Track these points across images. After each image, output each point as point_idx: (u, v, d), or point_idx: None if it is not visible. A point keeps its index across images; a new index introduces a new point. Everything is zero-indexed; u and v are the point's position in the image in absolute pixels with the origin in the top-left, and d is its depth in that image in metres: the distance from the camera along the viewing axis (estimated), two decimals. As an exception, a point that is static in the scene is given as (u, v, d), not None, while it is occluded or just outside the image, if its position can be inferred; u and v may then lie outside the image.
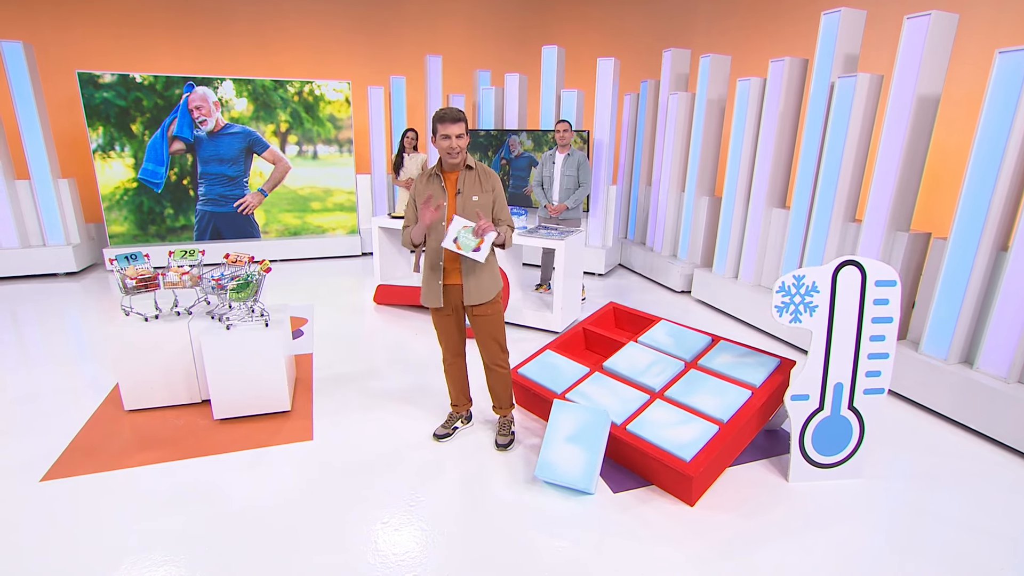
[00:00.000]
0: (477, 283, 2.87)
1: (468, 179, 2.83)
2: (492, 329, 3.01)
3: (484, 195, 2.83)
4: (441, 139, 2.71)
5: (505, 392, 3.18)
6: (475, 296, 2.89)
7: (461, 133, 2.71)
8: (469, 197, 2.81)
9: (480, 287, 2.89)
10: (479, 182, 2.84)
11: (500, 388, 3.16)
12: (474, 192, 2.82)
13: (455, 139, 2.70)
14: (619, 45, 8.77)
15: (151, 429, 3.31)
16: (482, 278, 2.88)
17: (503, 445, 3.16)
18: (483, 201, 2.83)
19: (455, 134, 2.69)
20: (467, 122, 2.75)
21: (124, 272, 3.42)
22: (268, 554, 2.37)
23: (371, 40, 8.56)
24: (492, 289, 2.94)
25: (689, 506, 2.73)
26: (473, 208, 2.79)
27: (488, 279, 2.91)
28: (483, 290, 2.90)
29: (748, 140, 5.24)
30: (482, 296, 2.90)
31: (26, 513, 2.59)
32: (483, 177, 2.86)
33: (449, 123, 2.68)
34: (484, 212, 2.82)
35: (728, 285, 5.50)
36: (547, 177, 5.53)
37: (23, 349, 4.56)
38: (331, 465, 2.99)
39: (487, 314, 2.96)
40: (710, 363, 3.35)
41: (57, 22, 7.24)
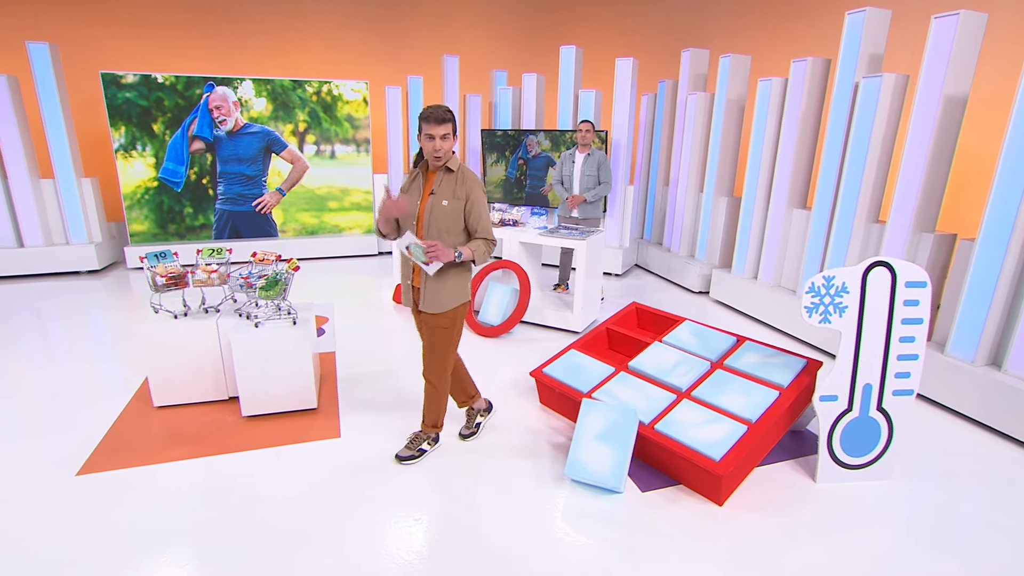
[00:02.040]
0: (434, 291, 2.75)
1: (445, 182, 2.70)
2: (437, 344, 2.86)
3: (455, 201, 2.67)
4: (425, 139, 2.60)
5: (432, 410, 3.04)
6: (428, 303, 2.77)
7: (447, 134, 2.59)
8: (439, 201, 2.67)
9: (436, 296, 2.75)
10: (454, 187, 2.68)
11: (430, 406, 3.03)
12: (445, 196, 2.67)
13: (439, 140, 2.58)
14: (634, 45, 8.76)
15: (181, 425, 3.35)
16: (441, 287, 2.75)
17: (403, 457, 3.00)
18: (452, 207, 2.67)
19: (439, 135, 2.57)
20: (455, 123, 2.64)
21: (154, 270, 3.47)
22: (300, 549, 2.40)
23: (388, 40, 8.60)
24: (450, 301, 2.78)
25: (718, 505, 2.74)
26: (440, 212, 2.66)
27: (449, 290, 2.76)
28: (439, 299, 2.76)
29: (769, 140, 5.23)
30: (436, 306, 2.76)
31: (63, 506, 2.64)
32: (460, 182, 2.69)
33: (434, 123, 2.56)
34: (453, 218, 2.68)
35: (747, 286, 5.48)
36: (567, 176, 5.54)
37: (52, 346, 4.62)
38: (360, 462, 3.02)
39: (437, 327, 2.82)
40: (736, 363, 3.35)
41: (80, 22, 7.33)
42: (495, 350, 4.56)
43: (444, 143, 2.60)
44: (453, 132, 2.64)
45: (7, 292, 6.06)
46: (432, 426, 3.09)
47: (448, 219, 2.69)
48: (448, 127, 2.60)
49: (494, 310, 4.80)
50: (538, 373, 3.56)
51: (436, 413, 3.06)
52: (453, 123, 2.63)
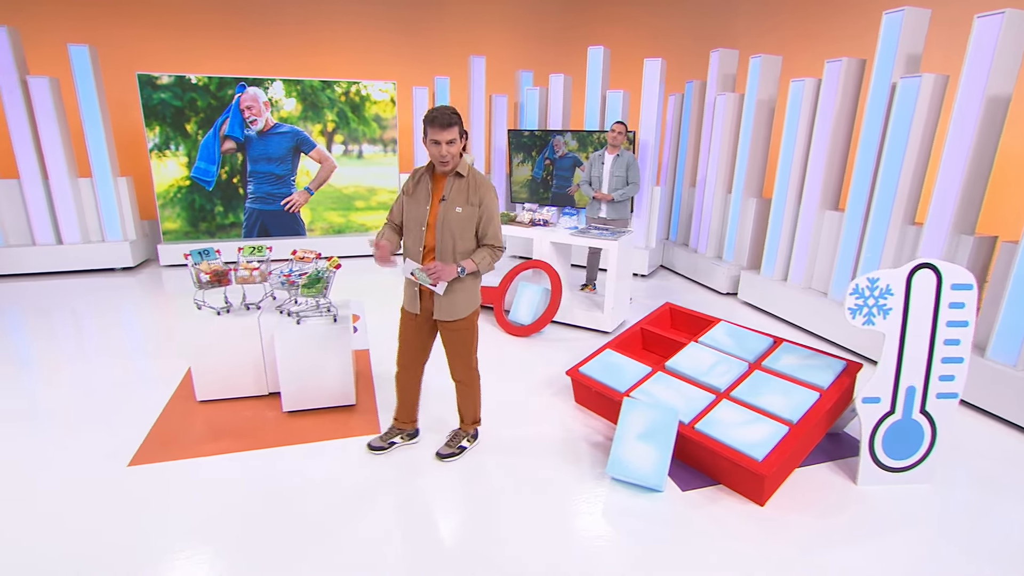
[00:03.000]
0: (451, 299, 2.71)
1: (456, 187, 2.61)
2: (460, 347, 2.86)
3: (469, 207, 2.60)
4: (431, 144, 2.49)
5: (469, 408, 3.08)
6: (445, 312, 2.74)
7: (453, 139, 2.47)
8: (452, 207, 2.59)
9: (452, 303, 2.72)
10: (467, 193, 2.61)
11: (465, 404, 3.07)
12: (458, 203, 2.59)
13: (445, 146, 2.47)
14: (660, 45, 8.74)
15: (224, 420, 3.42)
16: (457, 295, 2.71)
17: (444, 455, 3.01)
18: (466, 214, 2.60)
19: (445, 140, 2.46)
20: (462, 126, 2.52)
21: (198, 267, 3.54)
22: (342, 542, 2.45)
23: (415, 41, 8.67)
24: (465, 307, 2.76)
25: (759, 506, 2.74)
26: (455, 219, 2.59)
27: (463, 296, 2.74)
28: (455, 307, 2.73)
29: (801, 141, 5.20)
30: (453, 313, 2.74)
31: (117, 495, 2.71)
32: (472, 188, 2.61)
33: (439, 128, 2.45)
34: (467, 225, 2.62)
35: (777, 287, 5.45)
36: (596, 177, 5.55)
37: (94, 341, 4.74)
38: (400, 458, 3.06)
39: (456, 330, 2.81)
40: (774, 364, 3.35)
41: (117, 25, 7.48)
42: (526, 349, 4.59)
43: (451, 148, 2.49)
44: (461, 135, 2.53)
45: (47, 288, 6.21)
46: (472, 423, 3.13)
47: (462, 226, 2.62)
48: (454, 131, 2.48)
49: (525, 309, 4.83)
50: (574, 372, 3.58)
51: (474, 410, 3.10)
52: (460, 126, 2.51)
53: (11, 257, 6.54)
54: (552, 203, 7.31)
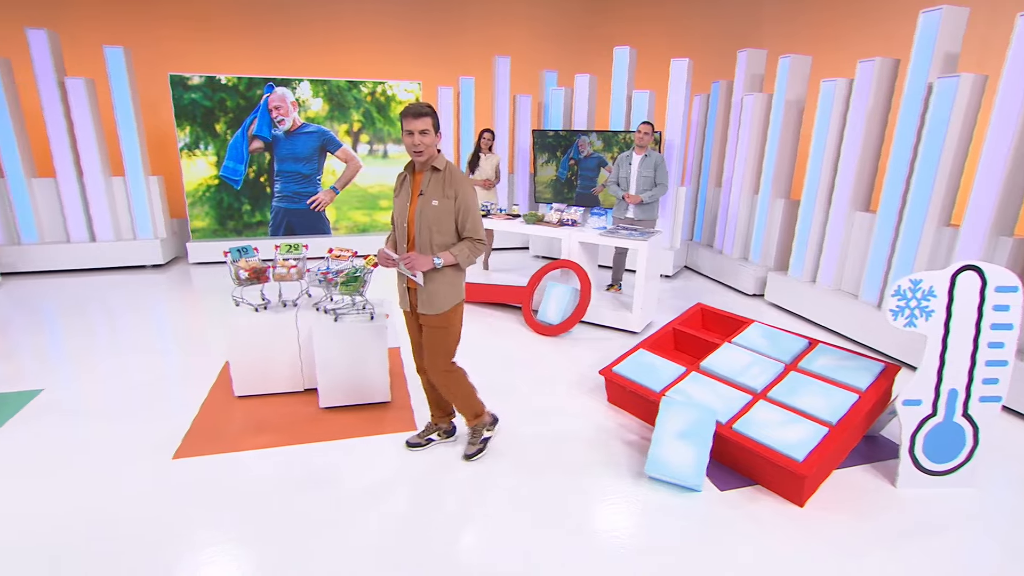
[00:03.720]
0: (430, 292, 2.74)
1: (433, 181, 2.67)
2: (434, 343, 2.85)
3: (445, 200, 2.65)
4: (405, 135, 2.57)
5: (462, 403, 3.04)
6: (425, 305, 2.78)
7: (426, 129, 2.54)
8: (429, 201, 2.65)
9: (432, 296, 2.75)
10: (443, 186, 2.66)
11: (455, 400, 3.04)
12: (435, 196, 2.65)
13: (418, 135, 2.54)
14: (685, 45, 8.70)
15: (262, 415, 3.47)
16: (436, 288, 2.74)
17: (468, 455, 3.04)
18: (443, 207, 2.66)
19: (418, 130, 2.53)
20: (436, 120, 2.60)
21: (237, 264, 3.60)
22: (382, 537, 2.48)
23: (440, 41, 8.72)
24: (446, 302, 2.78)
25: (798, 506, 2.74)
26: (431, 212, 2.65)
27: (443, 290, 2.76)
28: (434, 300, 2.76)
29: (831, 142, 5.16)
30: (432, 307, 2.77)
31: (166, 487, 2.78)
32: (448, 181, 2.67)
33: (411, 118, 2.52)
34: (444, 218, 2.67)
35: (805, 289, 5.42)
36: (623, 178, 5.55)
37: (129, 337, 4.83)
38: (437, 455, 3.10)
39: (435, 327, 2.82)
40: (811, 366, 3.34)
41: (149, 26, 7.61)
42: (555, 349, 4.61)
43: (423, 138, 2.55)
44: (435, 129, 2.60)
45: (81, 284, 6.34)
46: (476, 416, 3.10)
47: (439, 219, 2.67)
48: (427, 121, 2.55)
49: (553, 309, 4.85)
50: (608, 372, 3.59)
51: (469, 403, 3.07)
52: (434, 119, 2.58)
53: (47, 254, 6.69)
54: (576, 203, 7.32)
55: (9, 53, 6.70)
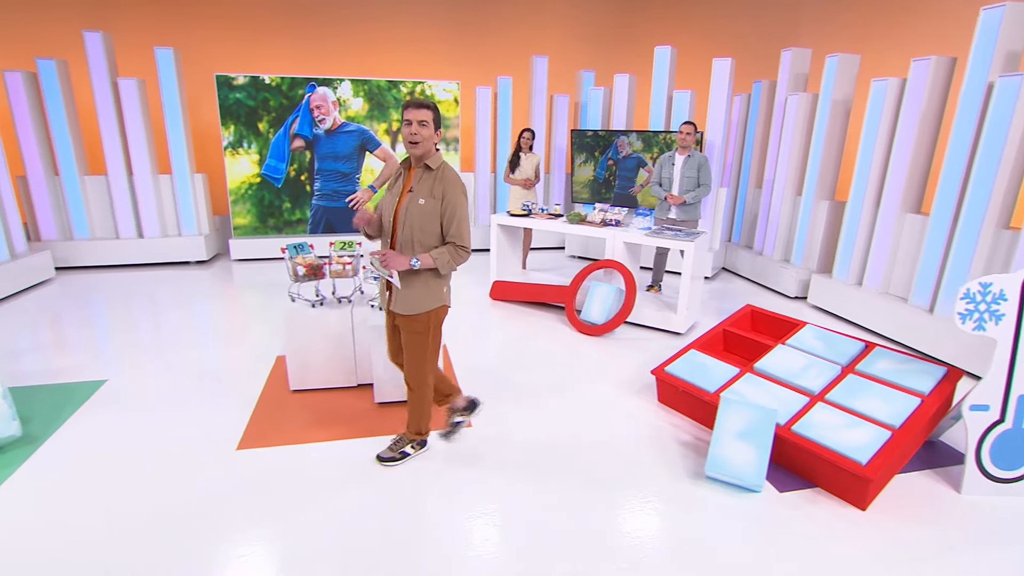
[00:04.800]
0: (406, 293, 2.70)
1: (423, 180, 2.64)
2: (412, 348, 2.81)
3: (431, 201, 2.61)
4: (404, 125, 2.57)
5: (414, 417, 2.99)
6: (400, 305, 2.73)
7: (425, 120, 2.54)
8: (416, 199, 2.62)
9: (407, 298, 2.70)
10: (431, 186, 2.62)
11: (411, 411, 2.99)
12: (422, 195, 2.61)
13: (416, 124, 2.53)
14: (723, 45, 8.62)
15: (320, 409, 3.54)
16: (413, 289, 2.69)
17: (384, 458, 2.97)
18: (428, 207, 2.61)
19: (417, 119, 2.53)
20: (437, 114, 2.60)
21: (295, 260, 3.68)
22: (451, 533, 2.52)
23: (477, 41, 8.77)
24: (421, 304, 2.71)
25: (860, 510, 2.72)
26: (417, 211, 2.61)
27: (420, 292, 2.70)
28: (410, 301, 2.71)
29: (881, 142, 5.08)
30: (407, 307, 2.72)
31: (232, 477, 2.85)
32: (438, 181, 2.63)
33: (413, 108, 2.54)
34: (429, 218, 2.62)
35: (851, 292, 5.34)
36: (666, 179, 5.54)
37: (179, 331, 4.95)
38: (497, 452, 3.13)
39: (411, 330, 2.77)
40: (869, 369, 3.30)
41: (195, 27, 7.79)
42: (599, 349, 4.61)
43: (422, 129, 2.54)
44: (436, 126, 2.59)
45: (130, 279, 6.52)
46: (417, 433, 3.03)
47: (423, 218, 2.62)
48: (426, 113, 2.55)
49: (597, 309, 4.86)
50: (660, 372, 3.59)
51: (418, 420, 3.00)
52: (435, 113, 2.58)
53: (97, 249, 6.88)
54: (613, 203, 7.31)
55: (65, 54, 6.91)
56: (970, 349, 4.09)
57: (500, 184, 8.24)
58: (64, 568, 2.25)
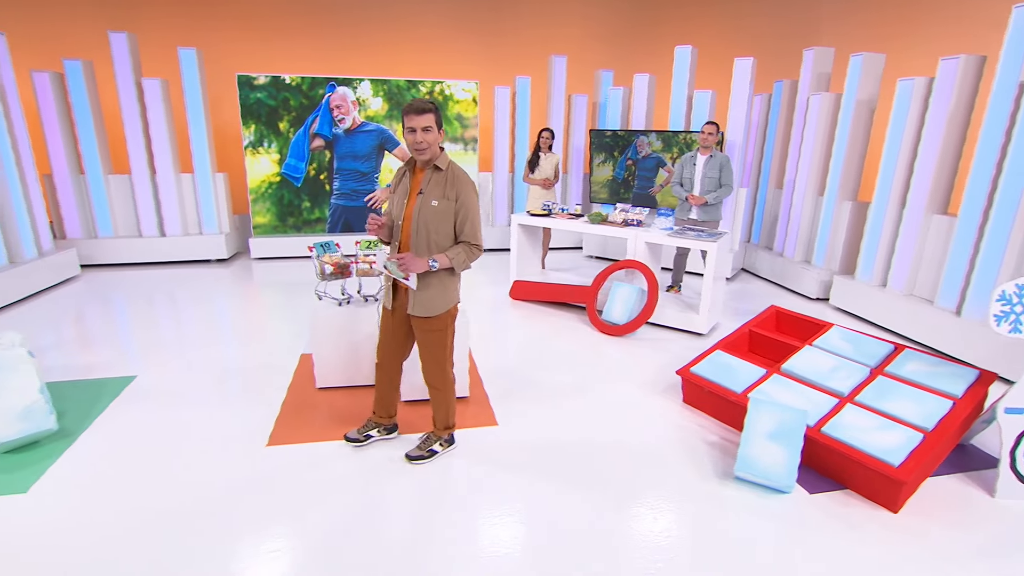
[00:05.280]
0: (424, 294, 2.68)
1: (434, 181, 2.62)
2: (432, 348, 2.82)
3: (445, 202, 2.59)
4: (407, 132, 2.53)
5: (441, 413, 3.00)
6: (418, 307, 2.72)
7: (428, 126, 2.50)
8: (428, 201, 2.60)
9: (426, 300, 2.69)
10: (444, 186, 2.61)
11: (438, 409, 3.00)
12: (434, 196, 2.59)
13: (420, 132, 2.50)
14: (743, 44, 8.58)
15: (345, 407, 3.56)
16: (431, 291, 2.69)
17: (412, 457, 2.96)
18: (442, 207, 2.60)
19: (421, 126, 2.49)
20: (439, 115, 2.56)
21: (323, 259, 3.71)
22: (465, 529, 2.53)
23: (495, 40, 8.79)
24: (441, 305, 2.72)
25: (892, 512, 2.70)
26: (430, 213, 2.60)
27: (438, 292, 2.70)
28: (429, 303, 2.70)
29: (907, 142, 5.04)
30: (426, 309, 2.71)
31: (263, 472, 2.88)
32: (450, 182, 2.61)
33: (414, 114, 2.49)
34: (443, 219, 2.61)
35: (874, 293, 5.30)
36: (687, 179, 5.52)
37: (203, 328, 5.00)
38: (522, 451, 3.14)
39: (429, 330, 2.76)
40: (899, 371, 3.28)
41: (217, 27, 7.87)
42: (620, 349, 4.61)
43: (427, 135, 2.51)
44: (438, 126, 2.56)
45: (152, 276, 6.59)
46: (446, 428, 3.05)
47: (438, 220, 2.61)
48: (429, 118, 2.50)
49: (619, 309, 4.85)
50: (685, 372, 3.59)
51: (445, 416, 3.02)
52: (436, 115, 2.54)
53: (119, 247, 6.97)
54: (633, 203, 7.29)
55: (90, 55, 7.00)
56: (999, 352, 4.04)
57: (518, 184, 8.25)
58: (103, 559, 2.29)
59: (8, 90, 5.68)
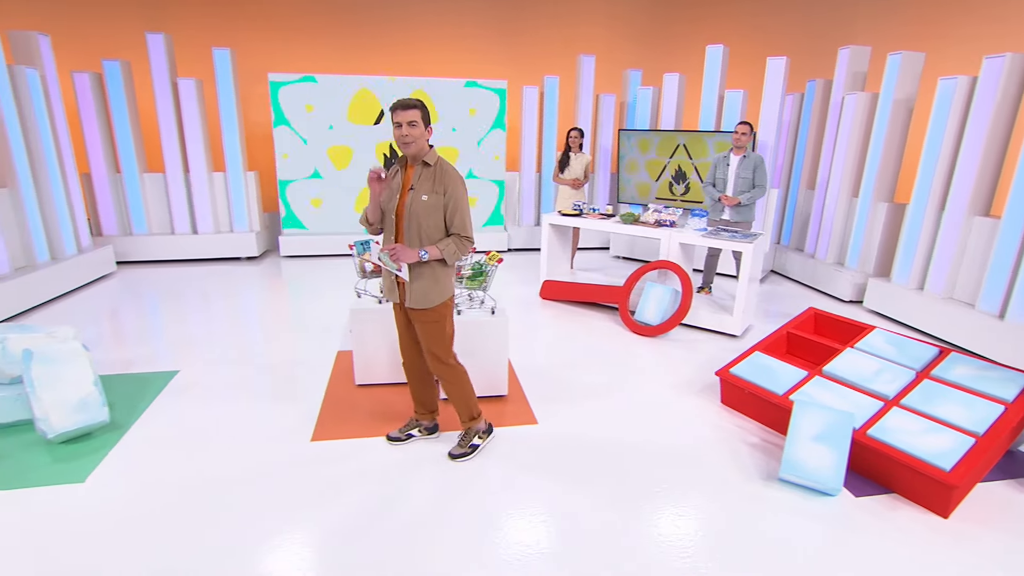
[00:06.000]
0: (419, 286, 2.75)
1: (423, 176, 2.69)
2: (428, 339, 2.86)
3: (434, 196, 2.67)
4: (394, 127, 2.61)
5: (459, 404, 3.02)
6: (414, 299, 2.78)
7: (414, 120, 2.59)
8: (419, 195, 2.67)
9: (420, 291, 2.75)
10: (432, 181, 2.68)
11: (454, 400, 3.02)
12: (424, 191, 2.67)
13: (406, 126, 2.58)
14: (771, 43, 8.50)
15: (384, 404, 3.59)
16: (424, 282, 2.74)
17: (455, 455, 3.01)
18: (432, 202, 2.67)
19: (406, 121, 2.58)
20: (425, 112, 2.64)
21: (363, 257, 3.74)
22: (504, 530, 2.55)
23: (522, 40, 8.80)
24: (435, 297, 2.77)
25: (942, 518, 2.66)
26: (420, 207, 2.66)
27: (431, 284, 2.75)
28: (424, 295, 2.76)
29: (948, 143, 4.95)
30: (421, 301, 2.77)
31: (310, 467, 2.93)
32: (439, 177, 2.68)
33: (400, 109, 2.58)
34: (432, 212, 2.68)
35: (911, 296, 5.22)
36: (720, 179, 5.48)
37: (238, 323, 5.08)
38: (567, 448, 3.15)
39: (425, 321, 2.82)
40: (946, 374, 3.23)
41: (243, 26, 7.97)
42: (654, 350, 4.59)
43: (412, 129, 2.59)
44: (425, 123, 2.65)
45: (185, 273, 6.70)
46: (471, 419, 3.07)
47: (427, 213, 2.68)
48: (414, 113, 2.59)
49: (652, 310, 4.83)
50: (724, 373, 3.57)
51: (467, 404, 3.04)
52: (422, 112, 2.62)
53: (152, 245, 7.10)
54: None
55: (125, 55, 7.14)
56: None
57: (545, 184, 8.24)
58: (159, 546, 2.34)
59: (52, 92, 5.82)
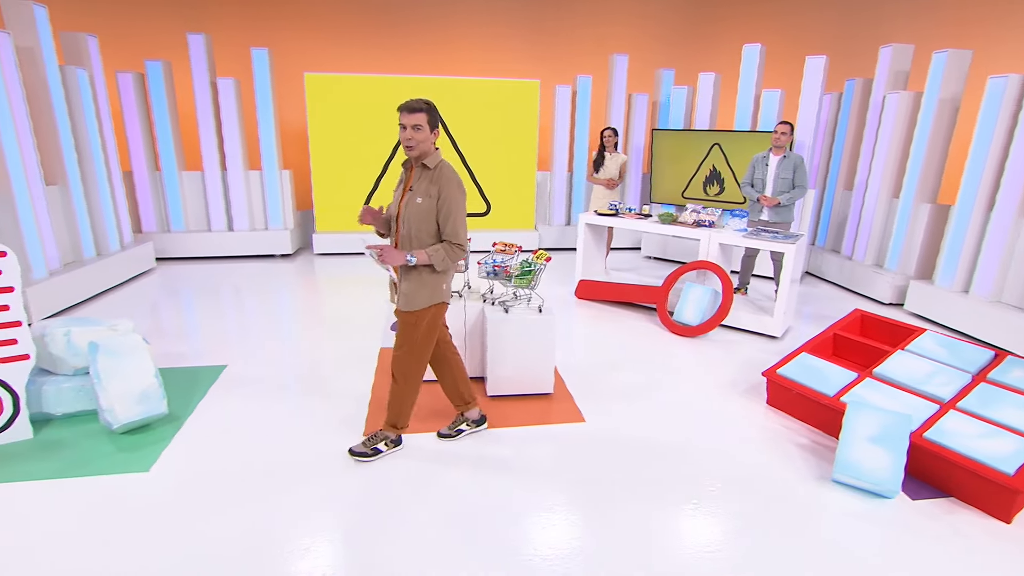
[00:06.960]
0: (407, 289, 2.77)
1: (422, 179, 2.70)
2: (402, 337, 2.85)
3: (428, 199, 2.67)
4: (400, 128, 2.64)
5: (392, 408, 2.98)
6: (400, 301, 2.80)
7: (418, 124, 2.60)
8: (415, 198, 2.69)
9: (408, 294, 2.77)
10: (428, 185, 2.68)
11: (391, 399, 2.99)
12: (420, 194, 2.68)
13: (410, 129, 2.60)
14: (807, 42, 8.40)
15: (431, 401, 3.58)
16: (410, 285, 2.76)
17: (356, 453, 2.97)
18: (426, 205, 2.67)
19: (411, 124, 2.60)
20: (431, 115, 2.64)
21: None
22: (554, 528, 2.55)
23: (553, 39, 8.81)
24: (419, 301, 2.76)
25: (1004, 523, 2.62)
26: (415, 210, 2.68)
27: (416, 288, 2.75)
28: (409, 298, 2.77)
29: (997, 143, 4.86)
30: (406, 303, 2.78)
31: (362, 464, 2.96)
32: (435, 180, 2.68)
33: (407, 112, 2.60)
34: (426, 216, 2.68)
35: (956, 299, 5.13)
36: (759, 179, 5.44)
37: (278, 319, 5.16)
38: (617, 446, 3.16)
39: (405, 323, 2.82)
40: (1004, 378, 3.18)
41: (279, 25, 8.08)
42: (693, 350, 4.57)
43: (416, 133, 2.60)
44: (431, 126, 2.64)
45: (222, 270, 6.82)
46: (392, 426, 3.02)
47: (420, 217, 2.68)
48: (419, 117, 2.60)
49: (692, 310, 4.81)
50: (771, 374, 3.54)
51: (396, 414, 3.00)
52: (428, 115, 2.62)
53: (189, 241, 7.24)
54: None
55: (165, 55, 7.28)
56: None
57: (577, 184, 8.24)
58: (221, 537, 2.40)
59: (99, 91, 5.96)
